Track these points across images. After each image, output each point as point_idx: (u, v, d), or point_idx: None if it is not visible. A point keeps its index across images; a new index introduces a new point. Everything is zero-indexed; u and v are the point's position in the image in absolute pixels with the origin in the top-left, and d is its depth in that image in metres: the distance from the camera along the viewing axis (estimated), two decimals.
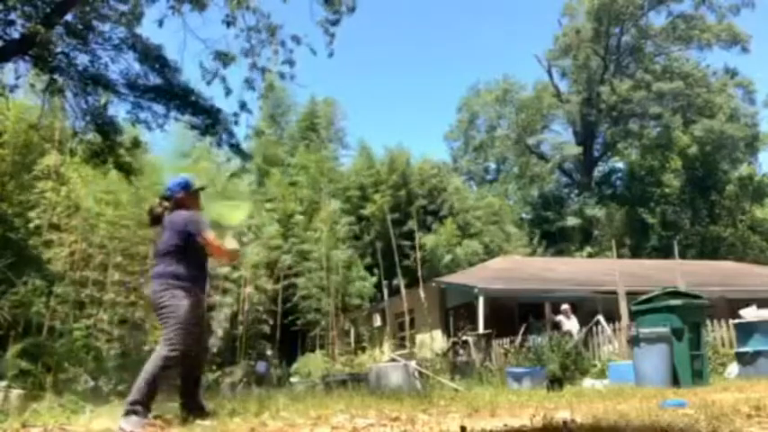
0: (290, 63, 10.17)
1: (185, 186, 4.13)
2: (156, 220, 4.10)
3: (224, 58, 9.98)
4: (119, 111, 10.70)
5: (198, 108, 10.53)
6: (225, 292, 17.81)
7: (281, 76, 10.46)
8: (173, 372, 3.79)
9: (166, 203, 4.08)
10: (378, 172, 26.72)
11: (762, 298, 11.41)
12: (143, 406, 3.52)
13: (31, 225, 14.58)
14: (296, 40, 9.99)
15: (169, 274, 3.81)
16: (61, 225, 14.67)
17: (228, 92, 10.34)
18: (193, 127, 10.87)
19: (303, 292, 19.77)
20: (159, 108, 10.42)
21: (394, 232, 19.23)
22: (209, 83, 10.14)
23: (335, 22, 9.74)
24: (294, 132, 29.55)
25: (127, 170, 10.87)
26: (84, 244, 14.64)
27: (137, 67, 10.31)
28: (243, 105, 10.52)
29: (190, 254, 3.88)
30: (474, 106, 38.72)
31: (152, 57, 10.16)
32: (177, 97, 10.35)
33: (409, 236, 21.58)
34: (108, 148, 10.36)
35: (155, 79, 10.35)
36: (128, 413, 3.48)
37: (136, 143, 11.01)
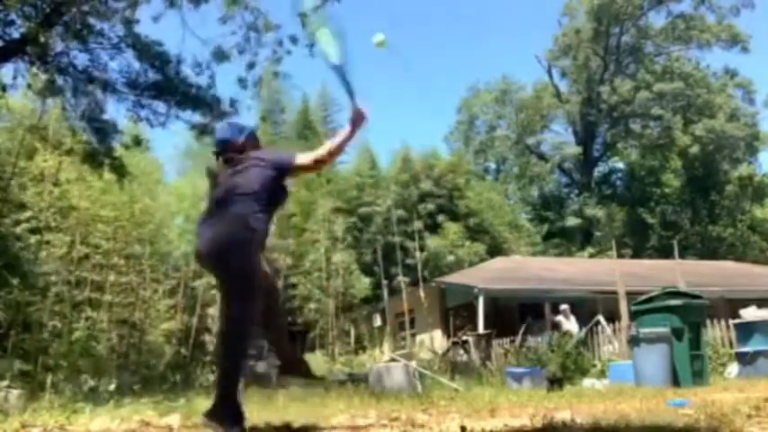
0: (278, 61, 10.18)
1: (242, 130, 3.35)
2: (216, 179, 3.29)
3: (219, 55, 9.98)
4: (119, 109, 10.72)
5: (199, 102, 10.52)
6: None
7: (276, 74, 10.48)
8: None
9: (230, 154, 3.22)
10: (380, 171, 26.71)
11: (762, 298, 11.42)
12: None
13: (28, 226, 14.56)
14: (293, 40, 9.98)
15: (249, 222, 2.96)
16: (57, 226, 14.66)
17: (211, 86, 10.32)
18: (193, 126, 10.87)
19: (302, 292, 19.77)
20: (160, 106, 10.44)
21: (398, 231, 19.23)
22: (197, 75, 10.14)
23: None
24: (291, 131, 29.59)
25: (121, 173, 10.90)
26: (80, 245, 14.63)
27: (136, 65, 10.32)
28: (232, 103, 10.51)
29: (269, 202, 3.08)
30: (473, 107, 38.72)
31: (151, 53, 10.15)
32: (178, 93, 10.35)
33: (413, 235, 21.58)
34: (105, 150, 10.37)
35: (154, 76, 10.35)
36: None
37: (137, 141, 11.02)
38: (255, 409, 4.23)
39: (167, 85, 10.30)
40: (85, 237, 14.69)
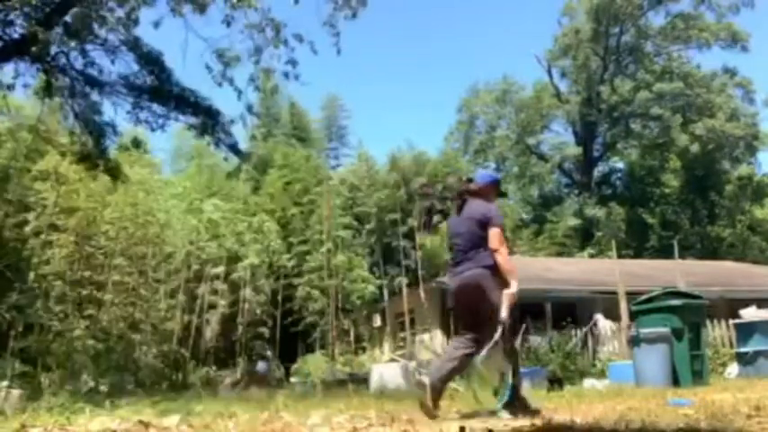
0: (293, 63, 10.02)
1: (495, 183, 4.41)
2: (460, 195, 4.23)
3: (226, 58, 9.87)
4: (118, 111, 10.68)
5: (198, 108, 10.48)
6: (221, 293, 17.80)
7: (286, 75, 10.33)
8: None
9: (472, 187, 4.21)
10: (377, 171, 26.71)
11: (762, 298, 11.41)
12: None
13: (30, 226, 14.55)
14: (299, 38, 9.85)
15: (489, 267, 4.03)
16: (59, 226, 14.64)
17: (240, 93, 10.02)
18: (192, 127, 10.83)
19: (303, 292, 19.75)
20: (159, 108, 10.40)
21: (395, 232, 19.22)
22: (220, 84, 9.91)
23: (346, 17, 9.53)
24: (289, 133, 29.54)
25: (115, 175, 10.91)
26: (82, 244, 14.61)
27: (135, 67, 10.28)
28: (250, 108, 10.40)
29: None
30: (473, 107, 38.68)
31: (151, 61, 10.12)
32: (176, 98, 10.31)
33: (410, 236, 21.53)
34: (99, 152, 10.37)
35: (152, 81, 10.32)
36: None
37: (136, 144, 11.04)
38: (255, 408, 4.24)
39: (165, 92, 10.26)
40: (88, 237, 14.68)
